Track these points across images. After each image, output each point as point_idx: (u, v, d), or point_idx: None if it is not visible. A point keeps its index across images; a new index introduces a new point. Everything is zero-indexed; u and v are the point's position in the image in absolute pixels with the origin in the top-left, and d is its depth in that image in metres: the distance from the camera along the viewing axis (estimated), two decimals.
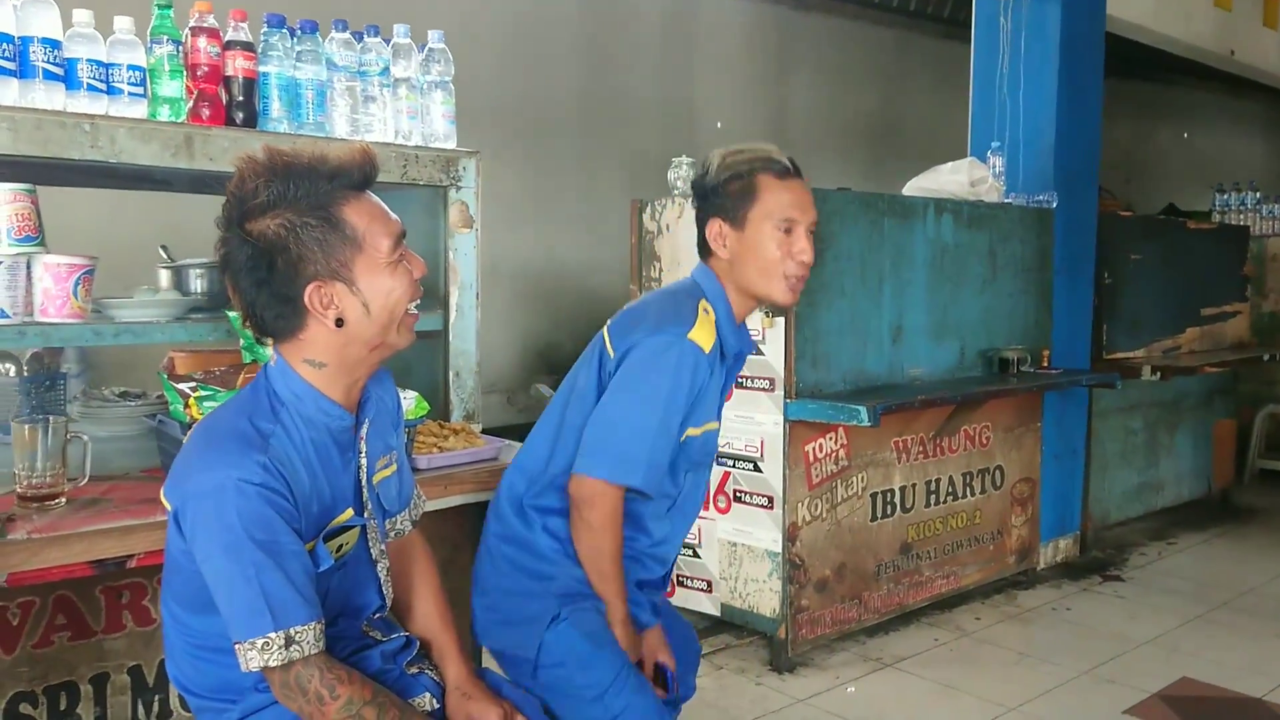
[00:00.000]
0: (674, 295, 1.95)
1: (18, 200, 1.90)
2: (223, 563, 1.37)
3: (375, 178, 1.50)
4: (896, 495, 3.84)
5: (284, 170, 1.41)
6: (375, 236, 1.45)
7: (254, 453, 1.39)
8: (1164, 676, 3.47)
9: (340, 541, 1.51)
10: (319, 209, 1.42)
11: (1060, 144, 4.55)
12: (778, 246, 1.87)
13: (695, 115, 6.06)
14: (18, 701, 1.87)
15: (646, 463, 1.82)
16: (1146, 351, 5.15)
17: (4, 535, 1.62)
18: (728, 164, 1.90)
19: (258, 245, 1.41)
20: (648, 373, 1.83)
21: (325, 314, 1.44)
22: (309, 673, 1.40)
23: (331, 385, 1.50)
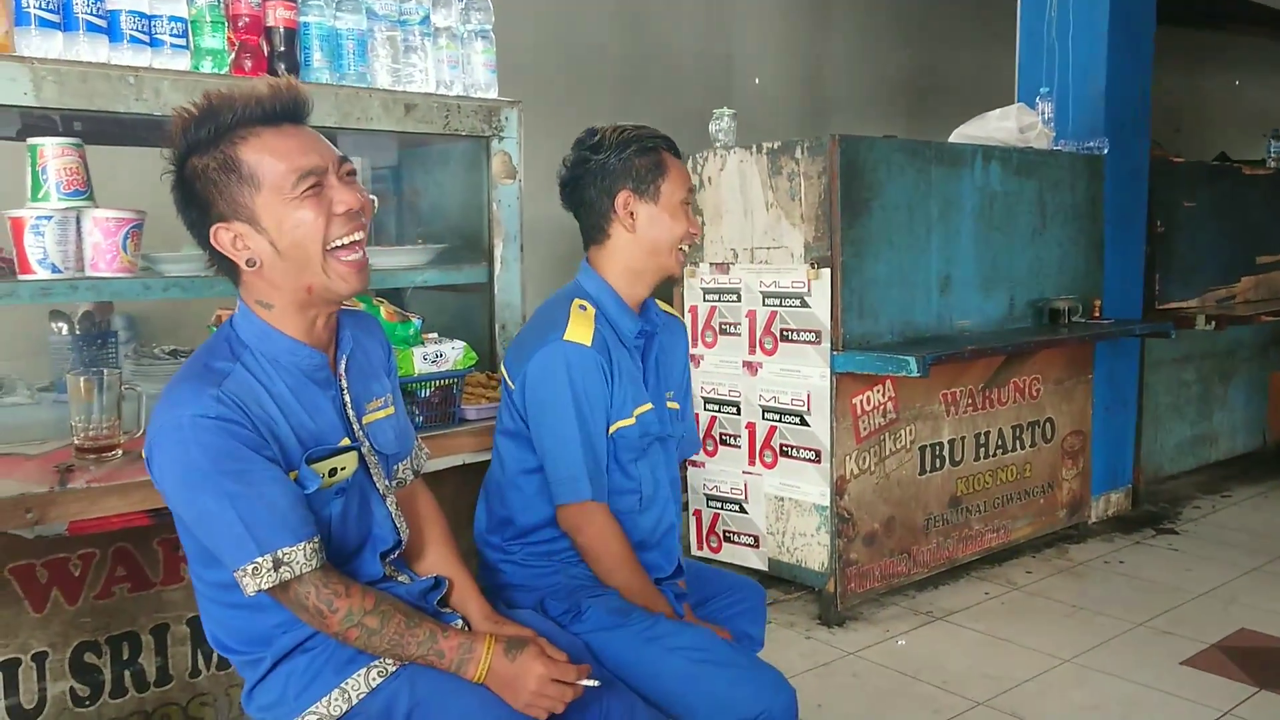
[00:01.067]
0: (547, 307, 1.97)
1: (66, 154, 1.90)
2: (198, 499, 1.38)
3: (297, 110, 1.44)
4: (945, 448, 3.79)
5: (201, 114, 1.40)
6: (276, 174, 1.39)
7: (207, 388, 1.38)
8: (1222, 628, 3.41)
9: (333, 465, 1.49)
10: (215, 151, 1.39)
11: (1111, 88, 4.43)
12: (680, 226, 1.93)
13: (734, 71, 5.97)
14: (82, 651, 1.91)
15: (588, 474, 1.84)
16: (1200, 301, 5.03)
17: (64, 485, 1.64)
18: (629, 138, 1.93)
19: (180, 190, 1.43)
20: (546, 390, 1.84)
21: (238, 254, 1.42)
22: (305, 589, 1.41)
23: (286, 324, 1.47)
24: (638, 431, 1.92)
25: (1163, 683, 3.02)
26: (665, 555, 2.01)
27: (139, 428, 1.90)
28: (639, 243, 1.92)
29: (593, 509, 1.86)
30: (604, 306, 1.92)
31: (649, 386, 1.97)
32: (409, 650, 1.47)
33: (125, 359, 2.54)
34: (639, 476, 1.94)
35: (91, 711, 1.92)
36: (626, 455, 1.92)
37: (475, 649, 1.50)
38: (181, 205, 1.44)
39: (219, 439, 1.36)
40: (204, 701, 2.05)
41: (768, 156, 3.52)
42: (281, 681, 1.51)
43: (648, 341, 1.99)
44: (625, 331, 1.93)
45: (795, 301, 3.47)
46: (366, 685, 1.50)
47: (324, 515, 1.49)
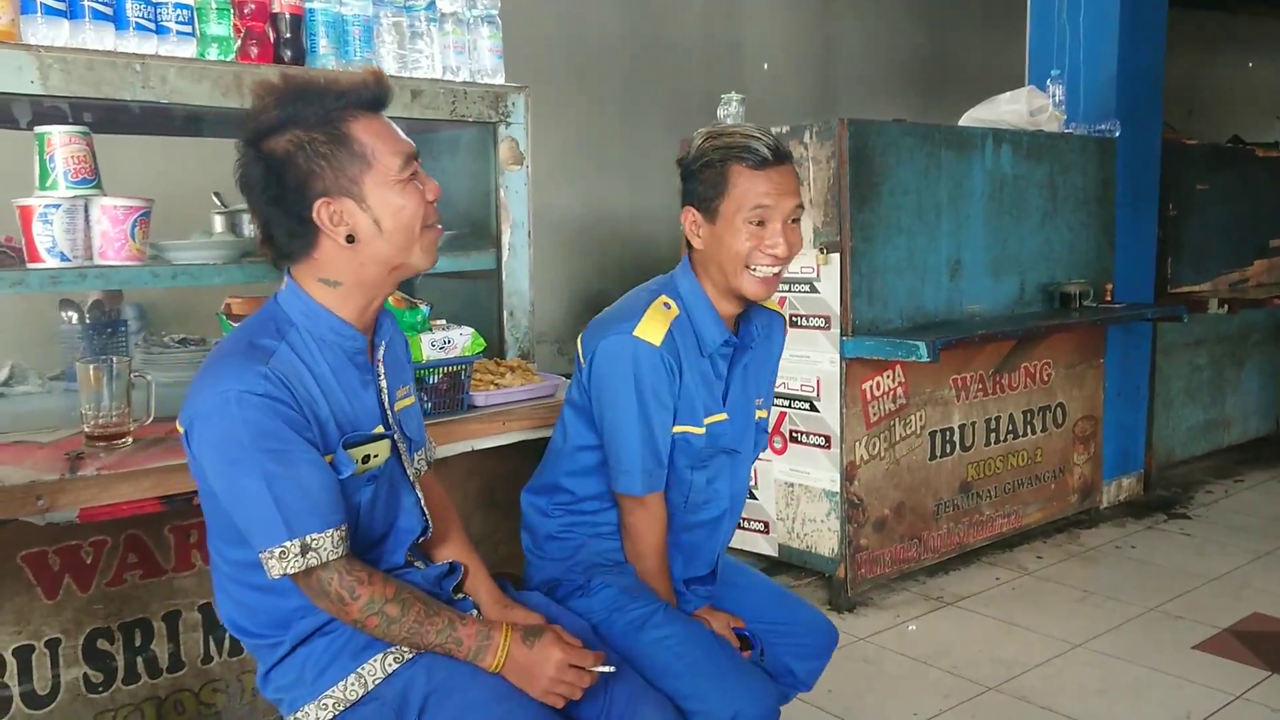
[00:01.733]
0: (635, 293, 1.91)
1: (73, 142, 1.90)
2: (234, 476, 1.38)
3: (387, 100, 1.50)
4: (956, 433, 3.78)
5: (295, 91, 1.43)
6: (384, 154, 1.44)
7: (254, 365, 1.39)
8: (1234, 612, 3.40)
9: (367, 451, 1.50)
10: (327, 125, 1.43)
11: (1123, 71, 4.39)
12: (748, 239, 1.78)
13: (742, 56, 5.94)
14: (95, 638, 1.91)
15: (640, 469, 1.82)
16: (1213, 285, 5.01)
17: (75, 472, 1.65)
18: (703, 149, 1.81)
19: (269, 162, 1.42)
20: (610, 379, 1.82)
21: (335, 230, 1.44)
22: (329, 576, 1.41)
23: (345, 304, 1.49)
24: (705, 441, 1.88)
25: (1174, 667, 3.02)
26: (703, 559, 1.99)
27: (149, 415, 1.90)
28: (709, 260, 1.84)
29: (645, 499, 1.85)
30: (691, 309, 1.85)
31: (729, 398, 1.91)
32: (427, 639, 1.47)
33: (135, 347, 2.55)
34: (691, 481, 1.91)
35: (105, 698, 1.93)
36: (684, 460, 1.88)
37: (493, 637, 1.50)
38: (268, 180, 1.43)
39: (263, 417, 1.37)
40: (216, 687, 2.06)
41: None
42: (299, 664, 1.51)
43: (736, 353, 1.92)
44: (709, 341, 1.86)
45: (804, 287, 3.46)
46: (383, 670, 1.50)
47: (354, 501, 1.50)
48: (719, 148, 1.79)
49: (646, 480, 1.83)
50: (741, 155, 1.76)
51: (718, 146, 1.79)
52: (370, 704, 1.49)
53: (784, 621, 2.00)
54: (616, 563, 1.91)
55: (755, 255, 1.78)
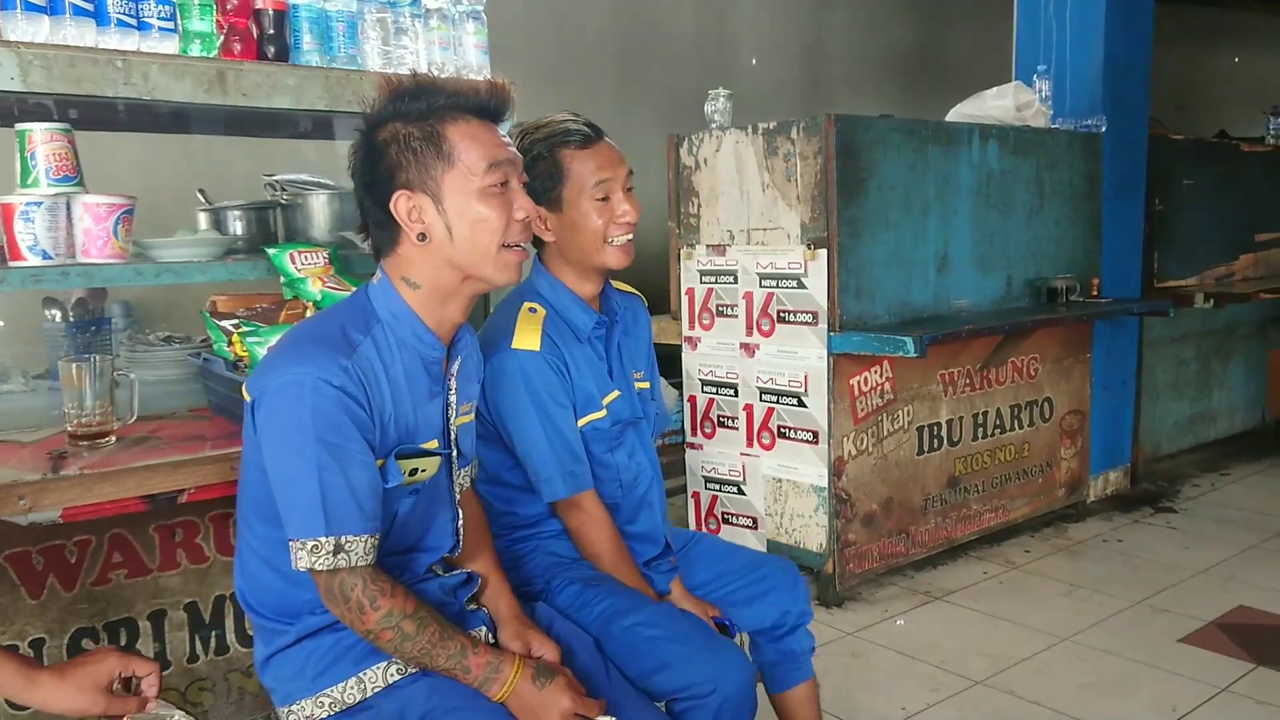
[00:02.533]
0: (499, 312, 1.94)
1: (54, 140, 1.88)
2: (288, 458, 1.39)
3: (505, 109, 1.52)
4: (943, 428, 3.79)
5: (414, 87, 1.46)
6: (472, 158, 1.45)
7: (339, 356, 1.40)
8: (1220, 605, 3.42)
9: (416, 465, 1.51)
10: (424, 122, 1.45)
11: (1109, 65, 4.40)
12: (598, 215, 1.83)
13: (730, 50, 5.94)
14: (80, 637, 1.91)
15: (558, 471, 1.84)
16: (1199, 279, 5.02)
17: (57, 471, 1.64)
18: (526, 145, 1.83)
19: (368, 150, 1.47)
20: (506, 397, 1.84)
21: (410, 225, 1.46)
22: (353, 581, 1.41)
23: (425, 310, 1.50)
24: (609, 421, 1.92)
25: (1160, 660, 3.03)
26: (649, 539, 2.00)
27: (132, 414, 1.89)
28: (564, 249, 1.88)
29: (574, 502, 1.87)
30: (556, 304, 1.89)
31: (614, 374, 1.96)
32: (437, 661, 1.46)
33: (120, 346, 2.54)
34: (616, 464, 1.94)
35: None
36: (600, 446, 1.91)
37: (502, 670, 1.49)
38: (365, 167, 1.48)
39: (332, 408, 1.38)
40: (203, 686, 2.06)
41: (763, 137, 3.51)
42: (303, 657, 1.51)
43: (608, 330, 1.97)
44: (580, 326, 1.90)
45: (792, 283, 3.46)
46: (384, 680, 1.50)
47: (392, 510, 1.50)
48: (541, 140, 1.84)
49: (568, 480, 1.85)
50: (566, 139, 1.83)
51: (539, 139, 1.84)
52: (365, 712, 1.49)
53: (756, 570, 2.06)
54: (574, 559, 1.92)
55: (610, 229, 1.84)
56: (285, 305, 2.07)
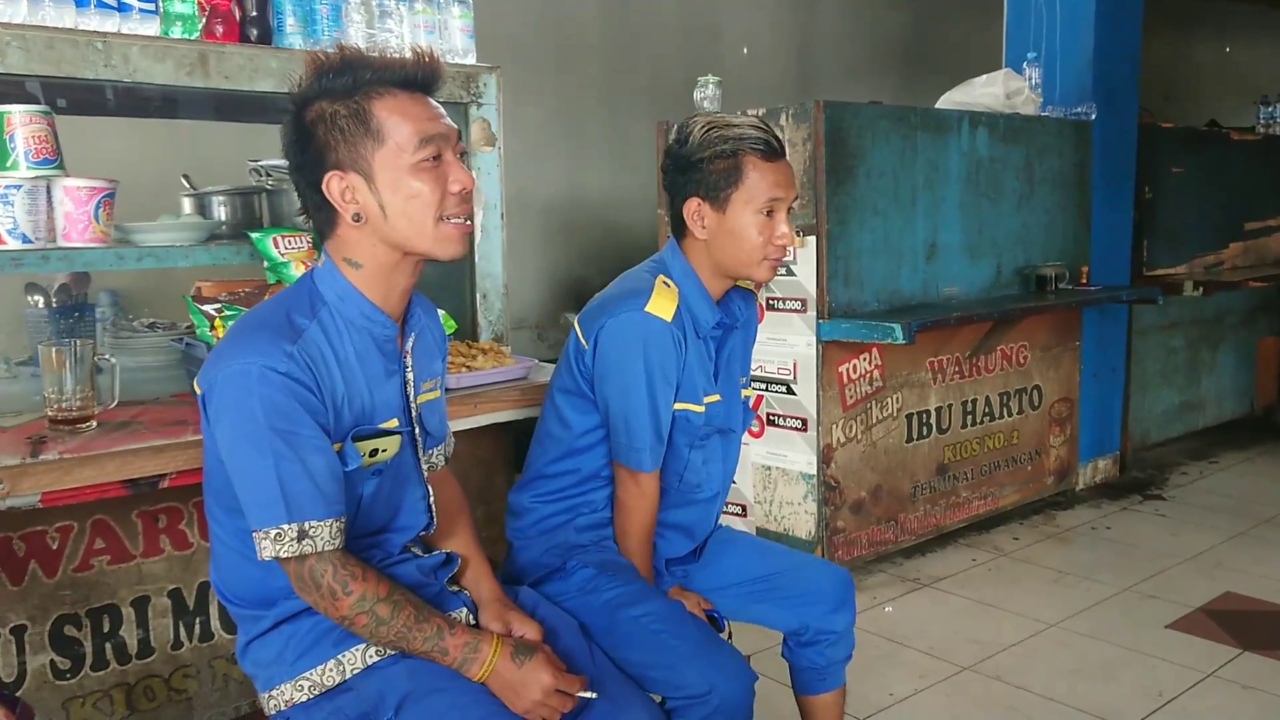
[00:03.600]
0: (633, 275, 1.92)
1: (34, 122, 1.86)
2: (242, 449, 1.37)
3: (434, 81, 1.47)
4: (932, 416, 3.80)
5: (340, 63, 1.42)
6: (401, 134, 1.40)
7: (283, 342, 1.38)
8: (1207, 592, 3.43)
9: (375, 446, 1.48)
10: (350, 99, 1.41)
11: (1099, 53, 4.40)
12: (759, 231, 1.81)
13: (720, 39, 5.92)
14: (62, 624, 1.89)
15: (649, 447, 1.84)
16: (1188, 267, 5.04)
17: (36, 456, 1.62)
18: (712, 139, 1.81)
19: (297, 131, 1.43)
20: (621, 357, 1.82)
21: (345, 206, 1.43)
22: (322, 567, 1.39)
23: (370, 288, 1.48)
24: (703, 419, 1.90)
25: (1147, 646, 3.04)
26: (690, 537, 2.00)
27: (113, 399, 1.88)
28: (714, 249, 1.86)
29: (642, 478, 1.86)
30: (684, 292, 1.87)
31: (719, 380, 1.94)
32: (414, 644, 1.45)
33: (104, 332, 2.52)
34: (688, 460, 1.92)
35: (73, 684, 1.91)
36: (682, 438, 1.90)
37: (481, 649, 1.48)
38: (295, 148, 1.45)
39: (280, 395, 1.35)
40: (187, 674, 2.05)
41: None
42: (281, 641, 1.50)
43: (725, 334, 1.95)
44: (703, 322, 1.88)
45: (781, 270, 3.45)
46: (363, 662, 1.48)
47: (356, 493, 1.48)
48: (730, 138, 1.80)
49: (654, 457, 1.85)
50: (754, 146, 1.79)
51: (729, 137, 1.80)
52: (345, 694, 1.48)
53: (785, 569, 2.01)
54: (595, 542, 1.91)
55: (768, 247, 1.82)
56: (269, 290, 2.06)
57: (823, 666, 2.01)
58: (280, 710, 1.50)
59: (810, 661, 2.01)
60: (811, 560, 2.08)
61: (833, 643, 1.99)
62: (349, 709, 1.46)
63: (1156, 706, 2.70)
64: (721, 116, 1.84)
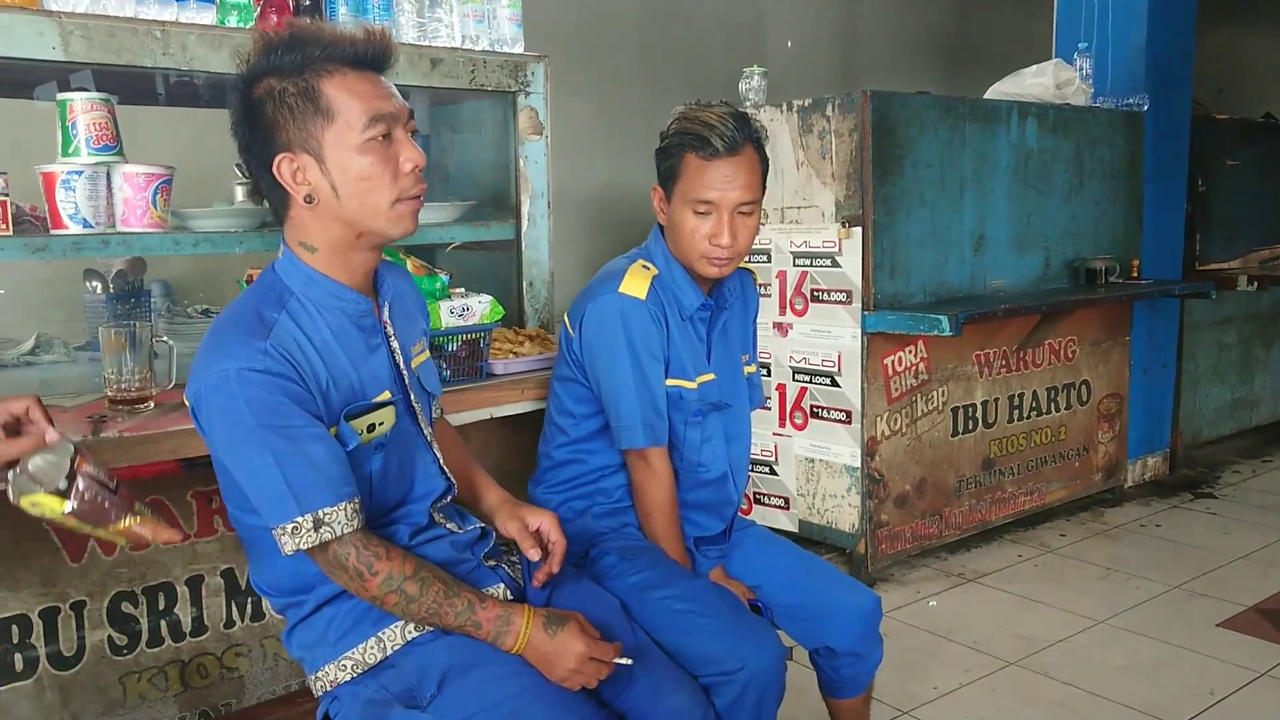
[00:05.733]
0: (612, 264, 1.95)
1: (95, 109, 1.90)
2: (241, 453, 1.37)
3: (384, 59, 1.45)
4: (978, 410, 3.76)
5: (288, 39, 1.39)
6: (351, 111, 1.39)
7: (255, 340, 1.37)
8: (1260, 591, 3.37)
9: (370, 421, 1.48)
10: (298, 77, 1.39)
11: (1151, 43, 4.32)
12: (694, 228, 1.82)
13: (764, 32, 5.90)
14: (119, 601, 1.94)
15: (641, 420, 1.85)
16: (1242, 262, 4.94)
17: (98, 434, 1.66)
18: (669, 130, 1.84)
19: (245, 109, 1.41)
20: (604, 337, 1.85)
21: (296, 188, 1.42)
22: (345, 550, 1.40)
23: (331, 269, 1.47)
24: (696, 395, 1.91)
25: (1198, 644, 2.99)
26: (714, 516, 2.00)
27: (170, 381, 1.91)
28: (668, 238, 1.90)
29: (647, 454, 1.88)
30: (666, 276, 1.89)
31: (713, 358, 1.96)
32: (446, 620, 1.46)
33: (159, 318, 2.56)
34: (685, 439, 1.94)
35: (129, 660, 1.96)
36: (677, 416, 1.91)
37: (514, 621, 1.48)
38: (243, 127, 1.43)
39: (264, 393, 1.35)
40: (239, 652, 2.09)
41: (798, 115, 3.48)
42: (324, 624, 1.52)
43: (714, 314, 1.96)
44: (687, 305, 1.90)
45: (826, 261, 3.44)
46: (403, 638, 1.50)
47: (365, 471, 1.48)
48: (678, 132, 1.82)
49: (648, 432, 1.86)
50: (694, 144, 1.79)
51: (678, 130, 1.82)
52: (388, 671, 1.49)
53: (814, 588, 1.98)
54: (615, 529, 1.93)
55: (703, 245, 1.83)
56: None
57: (847, 677, 1.99)
58: (327, 690, 1.52)
59: (836, 672, 1.99)
60: (842, 581, 2.03)
61: (856, 663, 1.98)
62: (393, 686, 1.48)
63: (1207, 705, 2.65)
64: (696, 107, 1.84)
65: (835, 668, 1.98)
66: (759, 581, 2.02)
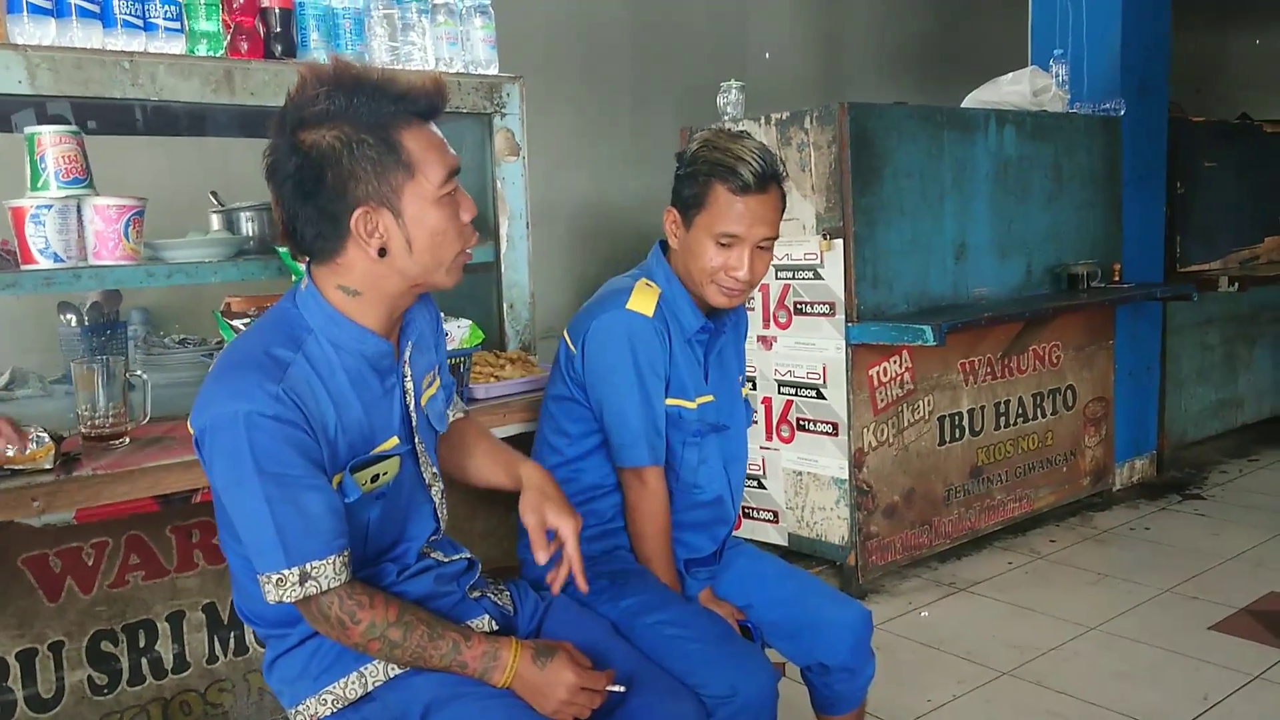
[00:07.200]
0: (615, 281, 1.94)
1: (63, 142, 1.88)
2: (237, 495, 1.35)
3: (442, 109, 1.43)
4: (965, 418, 3.75)
5: (350, 83, 1.35)
6: (430, 166, 1.38)
7: (268, 383, 1.33)
8: (1250, 592, 3.37)
9: (375, 471, 1.46)
10: (378, 128, 1.35)
11: (1127, 48, 4.35)
12: (714, 258, 1.81)
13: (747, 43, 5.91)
14: (99, 639, 1.90)
15: (646, 440, 1.84)
16: (1223, 263, 4.96)
17: (70, 473, 1.63)
18: (694, 158, 1.82)
19: (309, 155, 1.34)
20: (609, 355, 1.83)
21: (369, 241, 1.37)
22: (329, 600, 1.38)
23: (366, 314, 1.43)
24: (695, 415, 1.90)
25: (1191, 648, 2.99)
26: (707, 537, 1.98)
27: (145, 415, 1.89)
28: (679, 261, 1.89)
29: (644, 474, 1.86)
30: (668, 296, 1.88)
31: (711, 380, 1.95)
32: (432, 662, 1.44)
33: (135, 349, 2.54)
34: (682, 459, 1.92)
35: (110, 700, 1.92)
36: (676, 436, 1.90)
37: (501, 656, 1.46)
38: (305, 173, 1.34)
39: (270, 440, 1.32)
40: (223, 688, 2.05)
41: (776, 128, 3.48)
42: (305, 657, 1.49)
43: (712, 337, 1.95)
44: (687, 327, 1.89)
45: (808, 274, 3.43)
46: (385, 675, 1.48)
47: (362, 519, 1.46)
48: (707, 160, 1.80)
49: (650, 450, 1.84)
50: (725, 176, 1.78)
51: (706, 160, 1.80)
52: (370, 704, 1.47)
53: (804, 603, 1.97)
54: (606, 552, 1.91)
55: (720, 275, 1.82)
56: None
57: (840, 693, 1.97)
58: None
59: (829, 689, 1.97)
60: (832, 595, 2.02)
61: (849, 678, 1.95)
62: (374, 719, 1.46)
63: (1203, 710, 2.65)
64: (726, 136, 1.82)
65: (828, 684, 1.96)
66: (749, 601, 2.00)
